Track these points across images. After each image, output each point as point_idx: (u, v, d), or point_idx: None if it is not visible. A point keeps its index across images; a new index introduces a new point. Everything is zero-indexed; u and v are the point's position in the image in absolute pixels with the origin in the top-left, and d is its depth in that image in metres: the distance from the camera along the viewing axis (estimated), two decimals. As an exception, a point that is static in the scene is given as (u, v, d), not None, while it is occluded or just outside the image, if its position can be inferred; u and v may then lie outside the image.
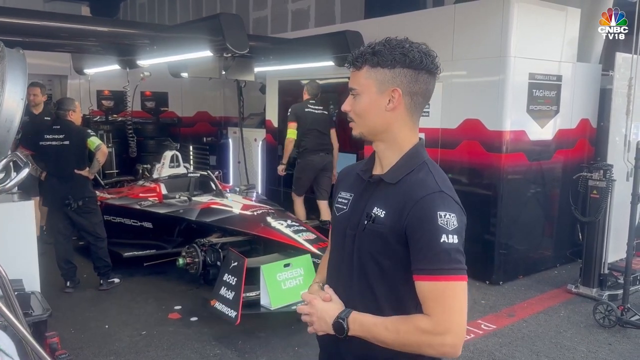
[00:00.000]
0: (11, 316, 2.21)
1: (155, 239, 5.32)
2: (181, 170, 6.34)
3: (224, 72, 5.45)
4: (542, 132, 5.35)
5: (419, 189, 1.35)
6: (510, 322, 4.28)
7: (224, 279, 3.85)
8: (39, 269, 3.39)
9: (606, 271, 4.71)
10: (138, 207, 5.35)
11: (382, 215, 1.37)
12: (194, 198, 5.39)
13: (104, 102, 8.65)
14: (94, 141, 4.72)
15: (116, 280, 4.92)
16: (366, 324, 1.36)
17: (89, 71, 6.74)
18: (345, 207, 1.50)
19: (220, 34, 4.17)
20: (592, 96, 5.78)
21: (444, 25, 5.42)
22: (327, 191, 5.93)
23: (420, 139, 1.49)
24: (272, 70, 6.87)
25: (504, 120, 5.04)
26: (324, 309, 1.41)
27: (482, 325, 4.20)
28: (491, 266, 5.18)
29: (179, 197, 5.47)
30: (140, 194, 5.75)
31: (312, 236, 4.47)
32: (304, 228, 4.61)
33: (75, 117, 4.84)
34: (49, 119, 5.33)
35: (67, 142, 4.68)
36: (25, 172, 2.00)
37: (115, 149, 7.95)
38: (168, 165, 6.18)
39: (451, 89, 5.38)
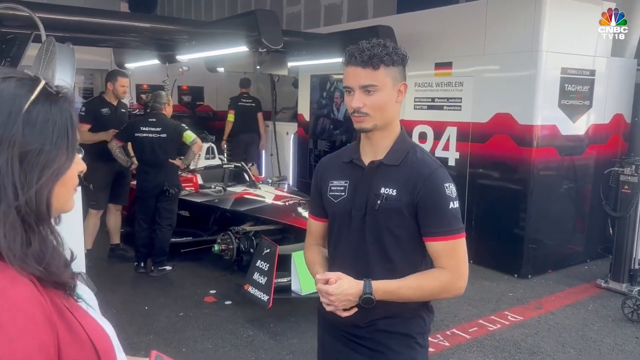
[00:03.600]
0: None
1: (192, 227, 5.55)
2: (216, 161, 6.55)
3: (258, 67, 5.62)
4: (574, 127, 5.34)
5: (424, 167, 1.59)
6: (537, 314, 4.32)
7: (257, 265, 4.02)
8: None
9: (636, 266, 4.69)
10: (176, 196, 5.58)
11: (394, 194, 1.57)
12: (228, 188, 5.60)
13: (142, 95, 8.96)
14: (190, 135, 5.00)
15: (168, 268, 5.13)
16: (390, 289, 1.54)
17: (130, 65, 7.00)
18: (343, 193, 1.65)
19: (255, 30, 4.32)
20: (627, 91, 5.72)
21: (475, 20, 5.45)
22: None
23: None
24: (304, 65, 7.00)
25: (535, 115, 5.06)
26: (344, 290, 1.51)
27: (509, 317, 4.26)
28: (520, 260, 5.22)
29: (214, 187, 5.68)
30: (179, 184, 5.98)
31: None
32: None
33: (169, 110, 5.13)
34: (125, 111, 5.51)
35: (164, 135, 4.92)
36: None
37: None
38: (204, 157, 6.40)
39: (482, 83, 5.42)
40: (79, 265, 3.72)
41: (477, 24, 5.43)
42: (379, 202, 1.57)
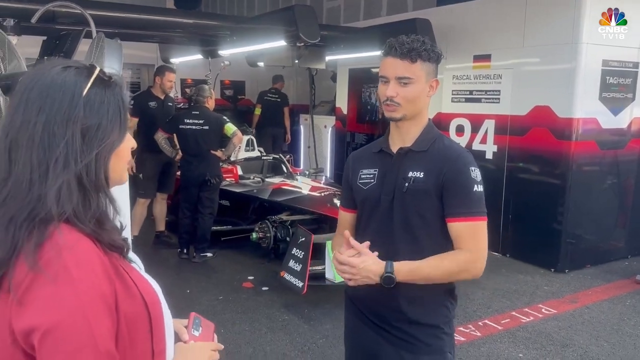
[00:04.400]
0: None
1: (232, 216, 5.76)
2: (255, 153, 6.74)
3: (296, 61, 5.74)
4: (616, 120, 5.23)
5: (450, 152, 1.68)
6: (572, 308, 4.30)
7: (293, 252, 4.16)
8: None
9: (679, 263, 4.59)
10: (217, 186, 5.79)
11: (421, 176, 1.65)
12: (266, 179, 5.77)
13: (187, 90, 9.24)
14: (231, 127, 5.21)
15: (209, 254, 5.36)
16: (412, 269, 1.60)
17: (175, 60, 7.27)
18: (372, 180, 1.74)
19: (293, 25, 4.45)
20: (673, 83, 5.55)
21: (515, 12, 5.41)
22: None
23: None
24: (342, 58, 7.09)
25: (574, 108, 4.99)
26: (366, 267, 1.59)
27: (543, 309, 4.26)
28: (557, 254, 5.17)
29: (253, 178, 5.87)
30: (220, 175, 6.20)
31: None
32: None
33: (211, 103, 5.35)
34: (171, 104, 5.75)
35: (206, 127, 5.14)
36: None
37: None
38: (244, 149, 6.60)
39: (521, 76, 5.38)
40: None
41: (516, 16, 5.38)
42: (406, 184, 1.65)
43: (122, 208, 3.42)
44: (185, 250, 5.35)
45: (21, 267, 0.88)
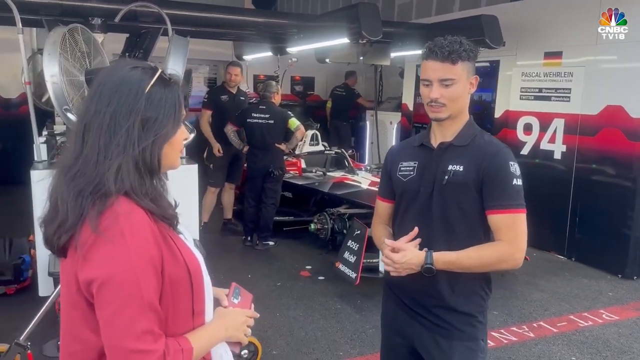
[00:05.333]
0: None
1: (294, 208, 5.97)
2: (319, 148, 6.93)
3: (361, 58, 5.82)
4: (697, 121, 4.92)
5: (490, 147, 1.75)
6: (636, 316, 4.13)
7: (348, 244, 4.30)
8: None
9: None
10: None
11: (461, 170, 1.73)
12: (328, 173, 5.94)
13: (258, 85, 9.57)
14: (294, 121, 5.47)
15: (271, 243, 5.62)
16: (450, 259, 1.69)
17: (247, 57, 7.59)
18: (412, 173, 1.83)
19: (356, 22, 4.56)
20: None
21: (589, 9, 5.21)
22: None
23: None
24: (410, 54, 7.09)
25: (649, 108, 4.76)
26: (408, 260, 1.70)
27: (604, 315, 4.13)
28: (625, 260, 4.96)
29: (316, 172, 6.06)
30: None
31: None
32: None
33: (277, 98, 5.63)
34: (243, 98, 6.06)
35: (272, 121, 5.42)
36: (191, 136, 2.66)
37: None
38: (308, 143, 6.80)
39: (593, 74, 5.19)
40: (194, 233, 4.27)
41: (590, 11, 5.18)
42: (446, 177, 1.74)
43: (191, 194, 3.75)
44: (249, 238, 5.64)
45: (86, 230, 1.08)
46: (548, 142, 5.65)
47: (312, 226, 4.98)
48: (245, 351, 3.25)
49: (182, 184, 4.35)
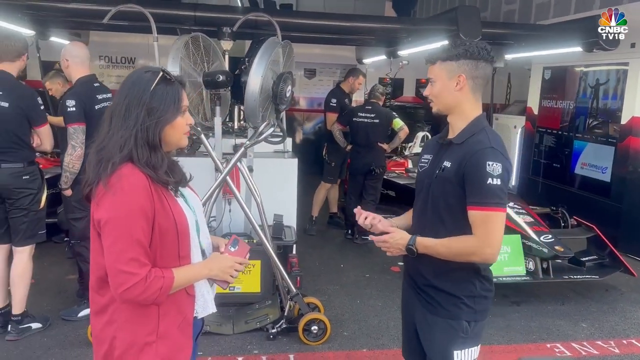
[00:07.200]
0: (263, 236, 3.48)
1: (396, 206, 6.12)
2: (429, 149, 6.96)
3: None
4: None
5: (476, 145, 1.83)
6: None
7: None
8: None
9: None
10: (385, 177, 6.23)
11: (449, 166, 1.87)
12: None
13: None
14: (398, 122, 5.75)
15: (369, 238, 5.85)
16: (428, 244, 1.87)
17: (367, 61, 7.91)
18: (426, 165, 2.01)
19: (455, 24, 4.63)
20: None
21: None
22: None
23: (482, 112, 1.93)
24: (536, 56, 6.77)
25: None
26: (396, 240, 1.92)
27: None
28: None
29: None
30: (391, 167, 6.64)
31: (530, 219, 4.62)
32: (524, 211, 4.76)
33: (382, 101, 5.96)
34: (348, 101, 6.40)
35: (377, 121, 5.73)
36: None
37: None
38: (418, 145, 6.89)
39: None
40: (291, 221, 4.69)
41: None
42: (437, 172, 1.91)
43: (291, 183, 4.26)
44: (350, 232, 5.96)
45: (100, 186, 1.49)
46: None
47: (404, 223, 5.11)
48: (315, 327, 3.58)
49: (283, 175, 4.82)
